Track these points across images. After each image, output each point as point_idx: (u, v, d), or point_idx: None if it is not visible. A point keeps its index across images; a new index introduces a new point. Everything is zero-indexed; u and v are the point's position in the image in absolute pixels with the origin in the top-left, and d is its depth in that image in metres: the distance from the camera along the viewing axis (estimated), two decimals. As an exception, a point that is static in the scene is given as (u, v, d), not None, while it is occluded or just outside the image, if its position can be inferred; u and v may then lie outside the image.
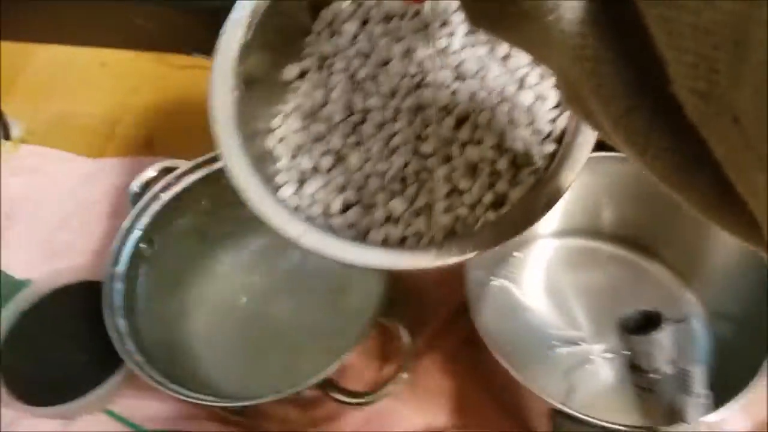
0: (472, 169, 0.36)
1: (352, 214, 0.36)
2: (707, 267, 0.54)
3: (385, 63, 0.39)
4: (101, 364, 0.54)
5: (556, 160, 0.35)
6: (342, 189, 0.37)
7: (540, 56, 0.24)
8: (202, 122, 0.75)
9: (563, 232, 0.53)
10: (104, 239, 0.64)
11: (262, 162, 0.37)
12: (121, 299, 0.51)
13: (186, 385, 0.47)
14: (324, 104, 0.39)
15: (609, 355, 0.52)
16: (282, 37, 0.39)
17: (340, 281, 0.56)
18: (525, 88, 0.37)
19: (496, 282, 0.59)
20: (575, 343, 0.55)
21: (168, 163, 0.59)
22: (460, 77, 0.38)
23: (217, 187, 0.57)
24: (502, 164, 0.36)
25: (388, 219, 0.36)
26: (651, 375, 0.34)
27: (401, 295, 0.59)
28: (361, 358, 0.53)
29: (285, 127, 0.39)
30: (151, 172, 0.58)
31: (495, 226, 0.34)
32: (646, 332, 0.33)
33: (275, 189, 0.37)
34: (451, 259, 0.33)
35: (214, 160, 0.56)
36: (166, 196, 0.56)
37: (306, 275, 0.57)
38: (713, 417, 0.48)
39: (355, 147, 0.38)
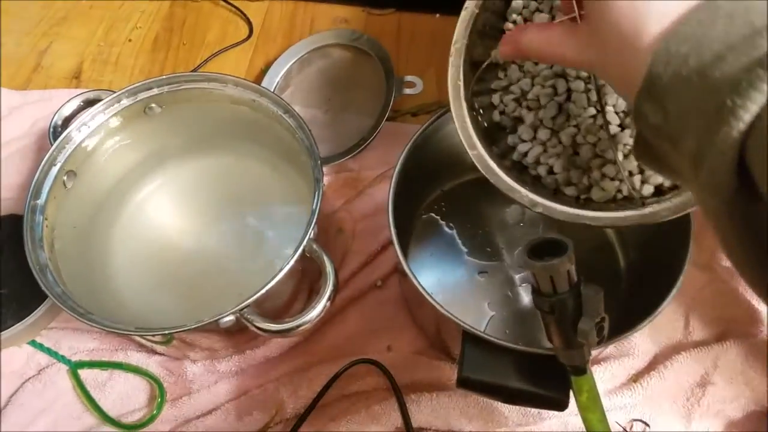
0: None
1: (573, 173, 0.42)
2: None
3: None
4: (27, 296, 0.54)
5: None
6: (559, 156, 0.42)
7: None
8: (131, 53, 0.73)
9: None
10: (31, 173, 0.63)
11: (491, 131, 0.43)
12: (42, 232, 0.50)
13: (109, 316, 0.47)
14: (530, 89, 0.44)
15: (527, 284, 0.55)
16: (491, 26, 0.43)
17: (266, 217, 0.56)
18: None
19: (425, 216, 0.60)
20: (499, 272, 0.57)
21: (91, 94, 0.58)
22: None
23: (140, 120, 0.56)
24: None
25: (603, 176, 0.41)
26: (550, 298, 0.36)
27: (331, 228, 0.60)
28: (288, 289, 0.53)
29: (502, 105, 0.45)
30: (72, 105, 0.57)
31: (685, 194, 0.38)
32: (545, 258, 0.34)
33: (503, 153, 0.43)
34: (658, 217, 0.38)
35: (139, 91, 0.55)
36: (88, 129, 0.54)
37: (231, 209, 0.57)
38: (623, 341, 0.51)
39: (564, 124, 0.42)
